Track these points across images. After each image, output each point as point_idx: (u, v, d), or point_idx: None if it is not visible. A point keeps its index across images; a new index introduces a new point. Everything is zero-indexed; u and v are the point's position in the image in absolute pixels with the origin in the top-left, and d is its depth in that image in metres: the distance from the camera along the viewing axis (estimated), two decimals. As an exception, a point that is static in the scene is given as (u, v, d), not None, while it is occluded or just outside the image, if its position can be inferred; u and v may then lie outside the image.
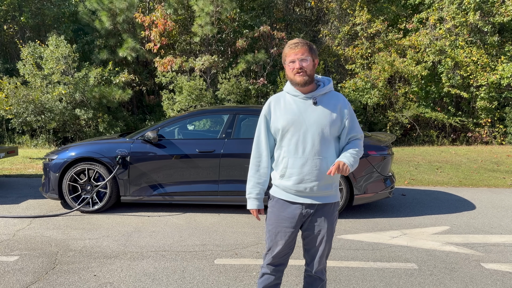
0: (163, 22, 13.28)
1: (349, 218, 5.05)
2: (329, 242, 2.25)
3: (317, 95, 2.17)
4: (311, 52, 2.15)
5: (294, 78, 2.15)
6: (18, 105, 12.47)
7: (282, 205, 2.21)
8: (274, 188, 2.28)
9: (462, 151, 12.20)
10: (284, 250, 2.25)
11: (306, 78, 2.13)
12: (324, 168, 2.14)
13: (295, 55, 2.12)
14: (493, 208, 5.68)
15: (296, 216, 2.19)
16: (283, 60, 2.22)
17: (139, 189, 5.10)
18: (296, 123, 2.14)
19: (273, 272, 2.30)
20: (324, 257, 2.27)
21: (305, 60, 2.12)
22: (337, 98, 2.22)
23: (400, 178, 7.91)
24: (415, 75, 13.92)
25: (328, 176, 2.14)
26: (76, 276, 3.26)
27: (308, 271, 2.33)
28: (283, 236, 2.21)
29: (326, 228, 2.21)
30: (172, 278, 3.25)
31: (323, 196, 2.19)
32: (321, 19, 16.89)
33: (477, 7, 13.38)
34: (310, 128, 2.13)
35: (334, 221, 2.25)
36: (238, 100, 13.41)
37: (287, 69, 2.18)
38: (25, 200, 5.75)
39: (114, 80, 13.85)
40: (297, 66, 2.12)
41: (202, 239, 4.20)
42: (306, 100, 2.17)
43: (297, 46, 2.13)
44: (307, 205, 2.18)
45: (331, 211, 2.23)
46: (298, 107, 2.17)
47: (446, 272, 3.46)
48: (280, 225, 2.21)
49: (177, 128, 5.55)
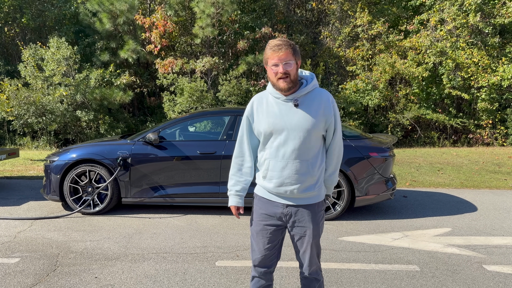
0: (163, 23, 13.30)
1: (351, 220, 5.04)
2: (316, 242, 2.22)
3: (298, 96, 2.10)
4: (295, 55, 2.05)
5: (278, 83, 2.06)
6: (19, 107, 12.49)
7: (264, 203, 2.22)
8: (257, 186, 2.28)
9: (464, 152, 12.18)
10: (267, 250, 2.22)
11: (290, 84, 2.05)
12: (304, 171, 2.11)
13: (279, 59, 2.02)
14: (495, 210, 5.67)
15: (277, 214, 2.18)
16: (265, 61, 2.11)
17: (140, 191, 5.09)
18: (277, 126, 2.09)
19: (262, 275, 2.28)
20: (315, 257, 2.25)
21: (289, 64, 2.03)
22: (320, 96, 2.14)
23: (401, 179, 7.90)
24: (416, 76, 13.92)
25: (310, 178, 2.12)
26: (77, 278, 3.26)
27: (302, 273, 2.31)
28: (264, 234, 2.20)
29: (312, 229, 2.18)
30: (173, 280, 3.25)
31: (305, 197, 2.17)
32: (322, 20, 16.90)
33: (478, 9, 13.38)
34: (291, 131, 2.07)
35: (320, 221, 2.22)
36: (239, 101, 13.41)
37: (270, 72, 2.09)
38: (26, 202, 5.75)
39: (115, 82, 13.87)
40: (280, 71, 2.02)
41: (203, 241, 4.19)
42: (288, 102, 2.10)
43: (281, 49, 2.02)
44: (288, 205, 2.18)
45: (316, 211, 2.19)
46: (279, 110, 2.11)
47: (448, 274, 3.45)
48: (261, 223, 2.21)
49: (178, 130, 5.55)
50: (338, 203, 4.99)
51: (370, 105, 14.41)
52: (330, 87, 15.10)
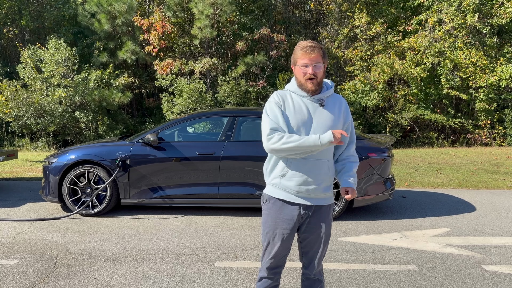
0: (161, 24, 13.30)
1: (350, 220, 5.04)
2: (327, 244, 2.26)
3: (324, 97, 2.16)
4: (324, 58, 2.11)
5: (305, 84, 2.11)
6: (18, 108, 12.47)
7: (280, 207, 2.18)
8: (271, 188, 2.22)
9: (462, 152, 12.21)
10: (281, 252, 2.23)
11: (317, 86, 2.11)
12: (325, 170, 2.15)
13: (310, 60, 2.06)
14: (493, 210, 5.68)
15: (295, 218, 2.17)
16: (294, 61, 2.14)
17: (139, 192, 5.09)
18: (306, 124, 2.11)
19: (271, 275, 2.28)
20: (322, 258, 2.28)
21: (319, 67, 2.08)
22: (340, 101, 2.24)
23: (400, 180, 7.91)
24: (414, 77, 13.95)
25: (328, 178, 2.17)
26: (76, 280, 3.26)
27: (306, 274, 2.31)
28: (281, 238, 2.19)
29: (324, 230, 2.21)
30: (173, 281, 3.25)
31: (322, 198, 2.19)
32: (321, 21, 16.93)
33: (476, 9, 13.42)
34: (317, 130, 2.11)
35: (331, 223, 2.28)
36: (238, 102, 13.42)
37: (298, 71, 2.11)
38: (25, 203, 5.74)
39: (114, 83, 13.86)
40: (310, 72, 2.07)
41: (202, 242, 4.19)
42: (314, 101, 2.15)
43: (313, 50, 2.06)
44: (305, 207, 2.17)
45: (328, 213, 2.24)
46: (307, 108, 2.14)
47: (447, 274, 3.46)
48: (278, 227, 2.19)
49: (177, 131, 5.55)
50: (337, 204, 5.00)
51: (368, 105, 14.44)
52: (329, 87, 15.10)
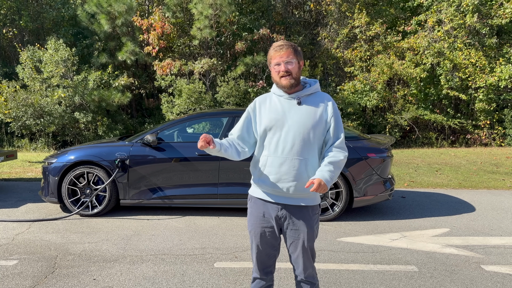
0: (161, 25, 13.30)
1: (349, 221, 5.04)
2: (311, 246, 2.22)
3: (301, 95, 2.18)
4: (296, 54, 2.16)
5: (280, 81, 2.15)
6: (17, 109, 12.47)
7: (260, 205, 2.23)
8: (252, 187, 2.30)
9: (461, 153, 12.21)
10: (266, 251, 2.24)
11: (292, 81, 2.14)
12: (302, 169, 2.12)
13: (280, 58, 2.13)
14: (492, 210, 5.68)
15: (273, 217, 2.19)
16: (268, 62, 2.22)
17: (139, 193, 5.09)
18: (278, 122, 2.15)
19: (263, 275, 2.29)
20: (310, 261, 2.24)
21: (291, 63, 2.13)
22: (322, 98, 2.21)
23: (399, 180, 7.91)
24: (414, 77, 13.96)
25: (306, 177, 2.11)
26: (75, 280, 3.25)
27: (297, 277, 2.29)
28: (263, 236, 2.22)
29: (306, 232, 2.17)
30: (172, 282, 3.25)
31: (300, 197, 2.17)
32: (320, 21, 16.93)
33: (475, 9, 13.43)
34: (291, 127, 2.12)
35: (314, 224, 2.21)
36: (237, 102, 13.42)
37: (273, 71, 2.18)
38: (24, 204, 5.73)
39: (114, 83, 13.86)
40: (282, 69, 2.12)
41: (202, 243, 4.19)
42: (291, 100, 2.18)
43: (282, 48, 2.13)
44: (283, 206, 2.18)
45: (310, 214, 2.19)
46: (282, 106, 2.18)
47: (446, 275, 3.46)
48: (258, 225, 2.23)
49: (176, 131, 5.55)
50: (336, 204, 5.00)
51: (368, 106, 14.44)
52: (328, 88, 15.12)
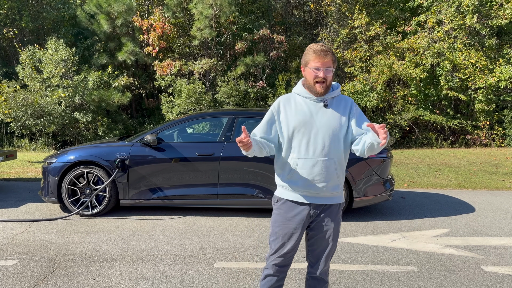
0: (161, 25, 13.31)
1: (349, 221, 5.04)
2: (335, 242, 2.29)
3: (327, 98, 2.22)
4: (335, 63, 2.18)
5: (314, 87, 2.17)
6: (17, 109, 12.47)
7: (290, 207, 2.24)
8: (280, 189, 2.30)
9: (461, 153, 12.21)
10: (291, 251, 2.27)
11: (325, 90, 2.17)
12: (332, 169, 2.18)
13: (322, 64, 2.13)
14: (492, 211, 5.69)
15: (304, 217, 2.22)
16: (305, 62, 2.20)
17: (138, 193, 5.09)
18: (307, 124, 2.17)
19: (277, 273, 2.30)
20: (330, 257, 2.30)
21: (329, 71, 2.15)
22: (346, 101, 2.28)
23: (399, 180, 7.91)
24: (413, 77, 13.95)
25: (336, 177, 2.19)
26: (75, 280, 3.25)
27: (311, 273, 2.33)
28: (291, 237, 2.24)
29: (333, 228, 2.25)
30: (172, 282, 3.25)
31: (330, 196, 2.23)
32: (320, 22, 16.94)
33: (475, 10, 13.43)
34: (320, 129, 2.17)
35: (340, 222, 2.31)
36: (237, 103, 13.42)
37: (309, 73, 2.18)
38: (24, 204, 5.73)
39: (113, 84, 13.86)
40: (321, 75, 2.13)
41: (202, 243, 4.19)
42: (317, 102, 2.21)
43: (327, 55, 2.13)
44: (314, 206, 2.22)
45: (337, 212, 2.28)
46: (309, 108, 2.20)
47: (446, 275, 3.46)
48: (288, 227, 2.24)
49: (176, 131, 5.55)
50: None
51: (368, 106, 14.43)
52: (328, 88, 15.11)
